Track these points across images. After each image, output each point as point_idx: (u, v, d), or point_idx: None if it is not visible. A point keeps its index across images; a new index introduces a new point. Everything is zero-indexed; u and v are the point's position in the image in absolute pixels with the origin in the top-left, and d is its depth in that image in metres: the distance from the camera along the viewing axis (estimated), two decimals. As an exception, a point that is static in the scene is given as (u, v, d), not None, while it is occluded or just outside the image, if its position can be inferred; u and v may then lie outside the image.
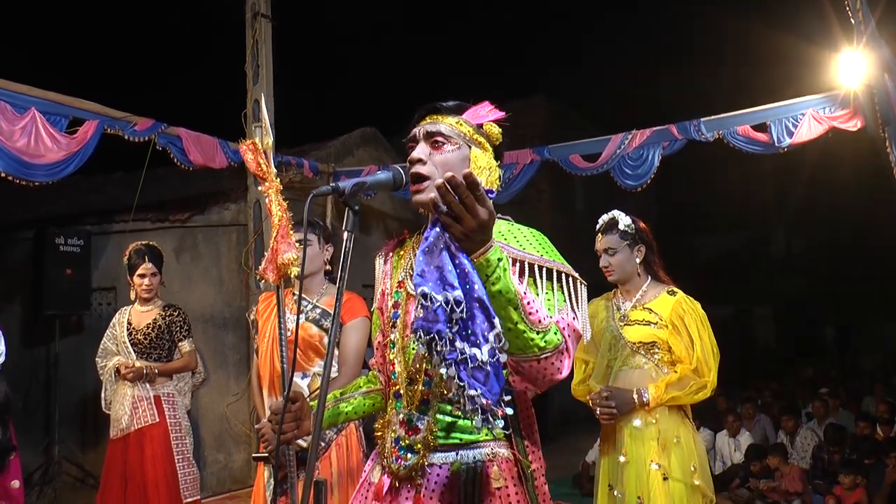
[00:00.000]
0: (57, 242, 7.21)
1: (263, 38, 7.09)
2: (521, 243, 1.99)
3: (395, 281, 2.14)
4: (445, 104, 2.08)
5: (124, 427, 4.68)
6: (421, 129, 2.05)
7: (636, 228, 3.53)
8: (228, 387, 6.88)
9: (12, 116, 4.93)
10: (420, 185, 2.00)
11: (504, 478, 1.95)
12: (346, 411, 2.30)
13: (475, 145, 2.05)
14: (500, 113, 2.08)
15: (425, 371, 1.99)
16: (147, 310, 4.83)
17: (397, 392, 2.04)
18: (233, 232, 7.53)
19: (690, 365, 3.31)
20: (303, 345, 3.52)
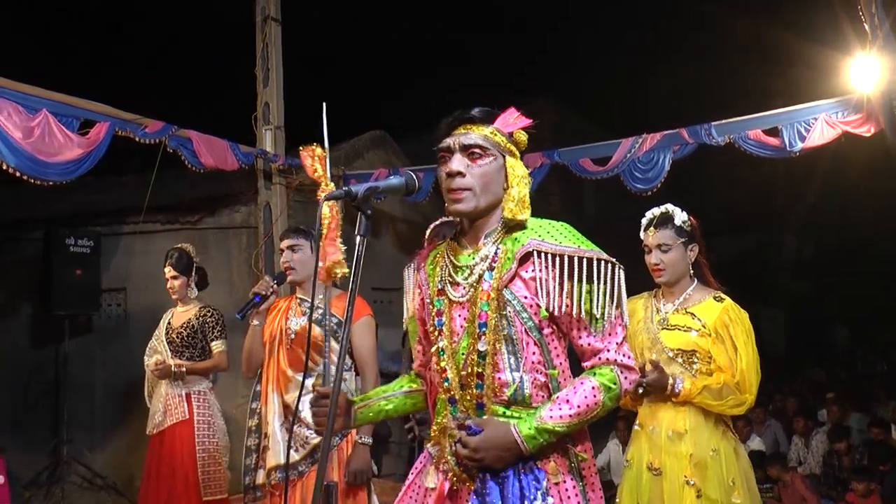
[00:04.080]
0: (67, 243, 7.24)
1: (273, 42, 7.12)
2: (555, 237, 2.05)
3: (434, 289, 2.18)
4: (477, 113, 2.11)
5: (157, 423, 4.80)
6: (456, 140, 2.09)
7: (691, 226, 3.31)
8: (237, 389, 6.90)
9: (25, 116, 4.95)
10: (460, 195, 2.06)
11: (561, 472, 2.01)
12: (386, 409, 2.38)
13: (509, 154, 2.12)
14: (528, 120, 2.13)
15: (478, 374, 2.03)
16: (185, 310, 4.96)
17: (452, 398, 2.09)
18: (243, 234, 7.55)
19: (734, 378, 3.10)
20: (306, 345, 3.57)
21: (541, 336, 2.04)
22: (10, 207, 8.91)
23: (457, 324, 2.11)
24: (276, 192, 7.20)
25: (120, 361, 7.31)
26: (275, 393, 3.67)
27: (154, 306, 6.22)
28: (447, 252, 2.21)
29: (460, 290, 2.12)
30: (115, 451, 7.60)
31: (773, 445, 7.51)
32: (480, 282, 2.07)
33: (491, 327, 2.03)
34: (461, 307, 2.11)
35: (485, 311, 2.04)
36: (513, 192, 2.09)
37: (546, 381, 2.04)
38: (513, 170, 2.10)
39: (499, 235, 2.12)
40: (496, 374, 2.03)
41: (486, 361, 2.03)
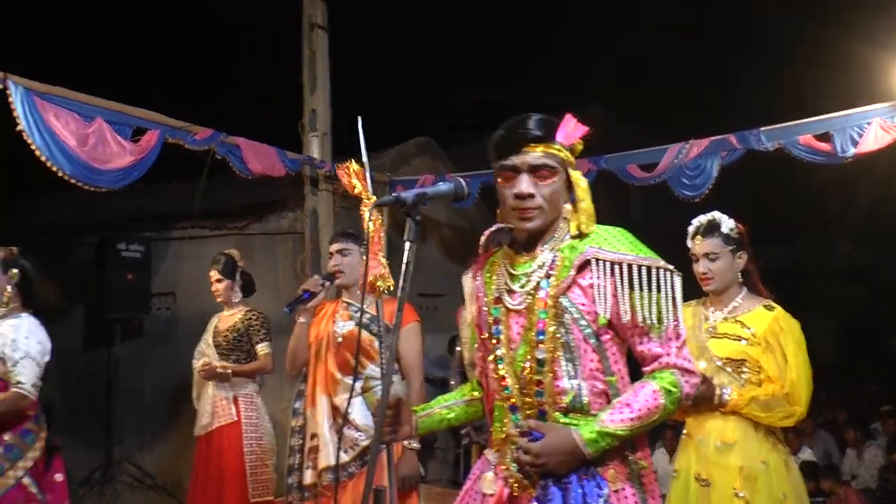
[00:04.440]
0: (118, 248, 7.44)
1: (320, 49, 7.20)
2: (613, 245, 2.07)
3: (491, 297, 2.19)
4: (541, 131, 2.08)
5: (205, 424, 4.91)
6: (523, 160, 2.07)
7: (739, 233, 3.26)
8: (282, 391, 6.98)
9: (81, 124, 5.09)
10: (530, 214, 2.08)
11: (620, 480, 2.02)
12: (448, 418, 2.41)
13: (570, 167, 2.12)
14: (585, 128, 2.12)
15: (536, 382, 2.05)
16: (231, 314, 5.08)
17: (513, 405, 2.10)
18: (289, 240, 7.64)
19: (783, 388, 3.04)
20: (354, 349, 3.64)
21: (599, 343, 2.06)
22: (65, 214, 9.16)
23: (514, 332, 2.12)
24: (322, 199, 7.27)
25: (169, 364, 7.44)
26: (323, 395, 3.73)
27: (202, 310, 6.32)
28: (503, 260, 2.23)
29: (517, 298, 2.13)
30: (164, 452, 7.75)
31: (824, 458, 7.37)
32: (537, 290, 2.08)
33: (549, 335, 2.04)
34: (518, 315, 2.12)
35: (542, 319, 2.05)
36: (583, 206, 2.11)
37: (604, 389, 2.05)
38: (578, 183, 2.13)
39: (556, 243, 2.13)
40: (555, 381, 2.04)
41: (545, 369, 2.04)
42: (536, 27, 14.14)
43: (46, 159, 4.82)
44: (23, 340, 3.76)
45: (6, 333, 3.76)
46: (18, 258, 3.99)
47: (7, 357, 3.72)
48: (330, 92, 7.29)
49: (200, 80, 11.07)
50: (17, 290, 3.93)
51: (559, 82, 13.49)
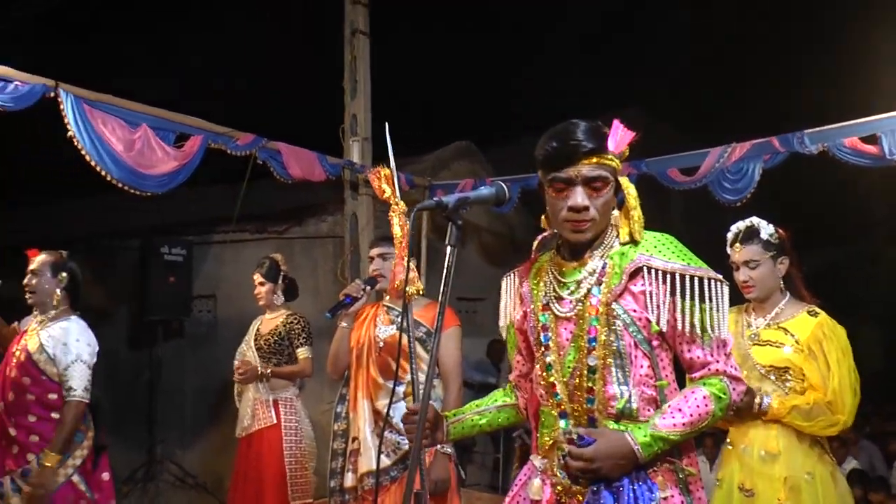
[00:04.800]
0: (161, 251, 7.58)
1: (361, 55, 7.25)
2: (664, 253, 2.08)
3: (539, 304, 2.20)
4: (593, 142, 2.06)
5: (246, 426, 4.97)
6: (577, 172, 2.06)
7: (779, 238, 3.21)
8: (322, 395, 7.04)
9: (127, 131, 5.21)
10: (584, 226, 2.09)
11: (668, 486, 2.03)
12: (480, 423, 2.42)
13: (619, 174, 2.13)
14: (632, 133, 2.12)
15: (587, 389, 2.06)
16: (272, 317, 5.13)
17: (563, 412, 2.11)
18: (329, 244, 7.72)
19: (825, 396, 2.98)
20: (396, 354, 3.67)
21: (650, 349, 2.07)
22: (110, 219, 9.34)
23: (563, 338, 2.14)
24: (362, 203, 7.31)
25: (209, 365, 7.55)
26: (365, 399, 3.76)
27: (242, 313, 6.41)
28: (550, 267, 2.23)
29: (566, 305, 2.14)
30: (205, 452, 7.87)
31: (869, 470, 7.21)
32: (588, 297, 2.09)
33: (600, 342, 2.05)
34: (567, 322, 2.13)
35: (594, 326, 2.06)
36: (634, 215, 2.13)
37: (654, 395, 2.07)
38: (628, 191, 2.14)
39: (605, 249, 2.15)
40: (605, 387, 2.06)
41: (596, 376, 2.06)
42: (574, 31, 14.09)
43: (96, 164, 4.97)
44: (73, 344, 3.86)
45: (57, 336, 3.87)
46: (67, 261, 4.10)
47: (58, 360, 3.82)
48: (371, 97, 7.34)
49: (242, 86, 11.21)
50: (65, 292, 4.03)
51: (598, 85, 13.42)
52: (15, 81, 4.62)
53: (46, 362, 3.83)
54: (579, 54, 14.07)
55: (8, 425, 3.81)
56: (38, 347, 3.85)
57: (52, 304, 3.98)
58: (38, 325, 3.96)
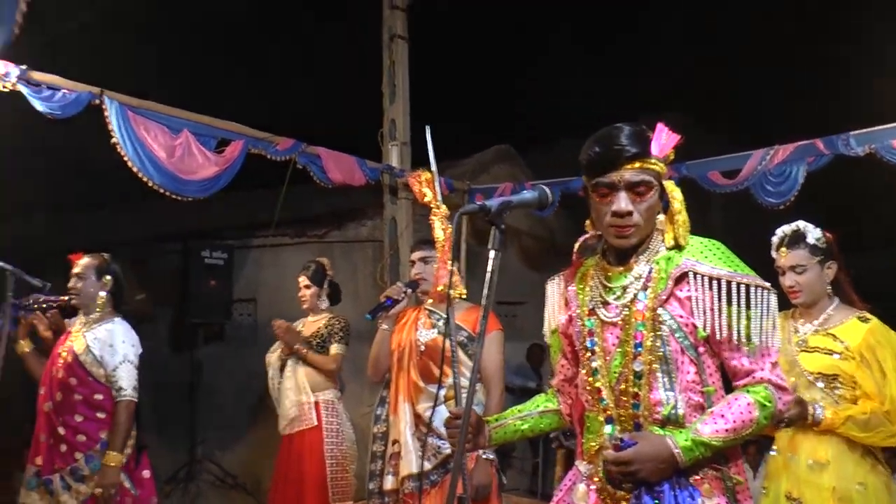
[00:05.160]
0: (202, 255, 7.68)
1: (399, 59, 7.30)
2: (710, 259, 2.07)
3: (585, 309, 2.20)
4: (637, 146, 2.07)
5: (287, 425, 4.98)
6: (620, 177, 2.06)
7: (827, 242, 3.13)
8: (362, 397, 7.08)
9: (169, 137, 5.30)
10: (628, 231, 2.08)
11: (715, 494, 2.02)
12: (522, 429, 2.41)
13: (664, 178, 2.13)
14: (677, 137, 2.11)
15: (633, 395, 2.06)
16: (315, 320, 5.17)
17: (609, 417, 2.11)
18: (368, 248, 7.77)
19: (882, 406, 2.88)
20: (437, 357, 3.70)
21: (696, 355, 2.06)
22: (152, 223, 9.48)
23: (609, 343, 2.13)
24: (401, 207, 7.35)
25: (249, 368, 7.57)
26: (406, 403, 3.77)
27: (282, 316, 6.43)
28: (596, 272, 2.23)
29: (612, 310, 2.14)
30: (244, 453, 7.97)
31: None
32: (635, 302, 2.09)
33: (647, 347, 2.05)
34: (613, 327, 2.13)
35: (640, 331, 2.06)
36: (680, 219, 2.12)
37: (700, 401, 2.06)
38: (673, 195, 2.13)
39: (651, 254, 2.14)
40: (651, 393, 2.05)
41: (642, 381, 2.05)
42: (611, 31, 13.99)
43: (138, 170, 5.06)
44: (120, 345, 3.96)
45: (103, 338, 3.95)
46: (110, 264, 4.18)
47: (106, 362, 3.91)
48: (409, 101, 7.37)
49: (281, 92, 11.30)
50: (109, 295, 4.10)
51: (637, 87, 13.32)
52: (62, 90, 4.73)
53: (93, 364, 3.92)
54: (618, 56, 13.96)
55: (56, 424, 3.91)
56: (85, 349, 3.94)
57: (96, 306, 4.06)
58: (83, 327, 4.05)
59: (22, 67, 4.55)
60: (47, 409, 3.96)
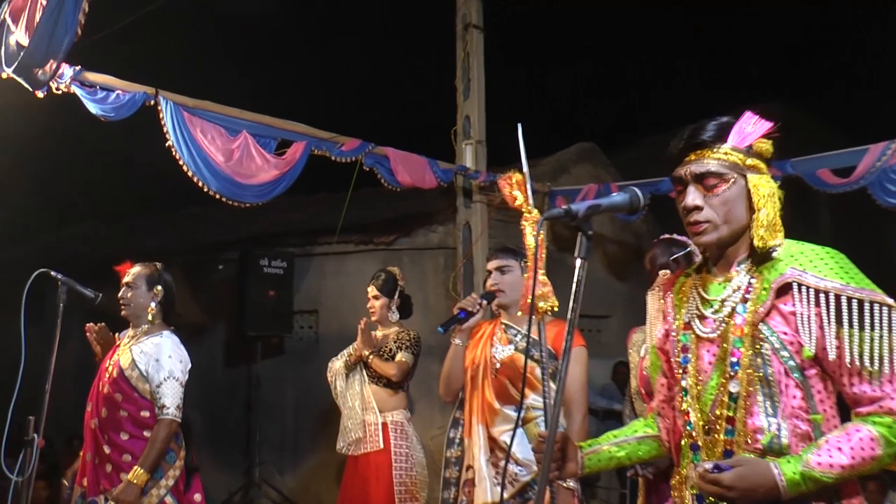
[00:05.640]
0: (261, 264, 7.77)
1: (475, 51, 7.31)
2: (819, 269, 1.98)
3: (681, 322, 2.17)
4: (706, 134, 2.06)
5: (353, 445, 5.00)
6: (687, 169, 2.06)
7: None
8: (433, 419, 7.10)
9: (226, 139, 5.41)
10: (700, 227, 2.05)
11: None
12: (618, 456, 2.36)
13: (750, 171, 2.05)
14: (767, 124, 2.05)
15: (727, 419, 2.01)
16: (384, 333, 5.17)
17: (694, 444, 2.07)
18: (440, 255, 7.80)
19: None
20: (514, 376, 3.68)
21: (803, 378, 1.98)
22: (207, 229, 9.69)
23: (704, 361, 2.08)
24: (476, 211, 7.35)
25: (311, 384, 7.66)
26: (480, 425, 3.75)
27: (346, 329, 6.50)
28: (695, 281, 2.19)
29: (709, 324, 2.09)
30: (305, 476, 8.05)
31: None
32: (733, 316, 2.04)
33: (744, 366, 1.98)
34: (710, 343, 2.08)
35: (737, 349, 2.00)
36: (760, 216, 2.02)
37: (808, 430, 1.96)
38: (756, 189, 2.04)
39: (754, 262, 2.08)
40: (749, 418, 1.98)
41: (738, 404, 1.99)
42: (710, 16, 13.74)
43: (193, 174, 5.16)
44: (166, 360, 4.02)
45: (149, 352, 4.03)
46: (162, 274, 4.25)
47: (151, 377, 3.99)
48: (485, 96, 7.38)
49: (347, 89, 11.43)
50: (159, 306, 4.19)
51: (736, 77, 13.08)
52: (117, 90, 4.87)
53: (138, 379, 4.00)
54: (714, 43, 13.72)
55: (102, 442, 3.99)
56: (131, 363, 4.02)
57: (146, 318, 4.15)
58: (131, 340, 4.14)
59: (76, 68, 4.69)
60: (93, 426, 4.05)
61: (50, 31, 4.07)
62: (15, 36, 4.17)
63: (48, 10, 4.01)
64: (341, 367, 5.16)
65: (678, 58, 13.57)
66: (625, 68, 13.35)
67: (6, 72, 4.22)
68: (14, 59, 4.17)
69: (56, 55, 4.21)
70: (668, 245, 3.75)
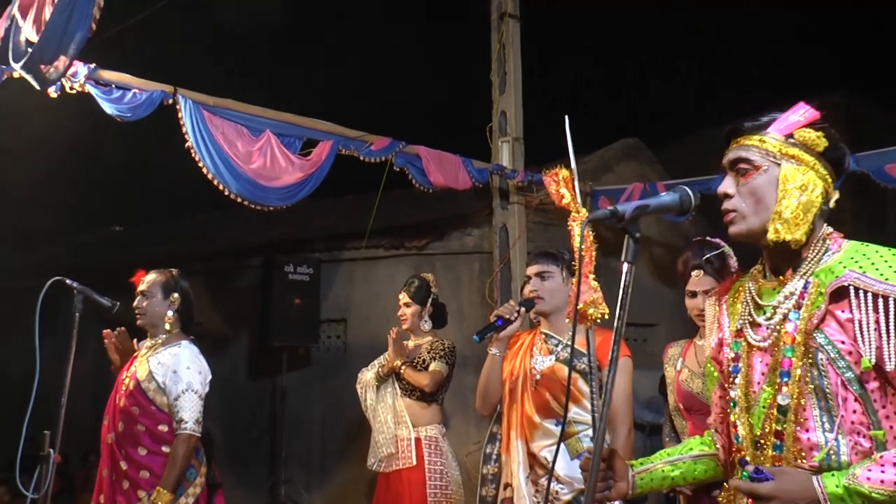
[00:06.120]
0: (286, 270, 7.79)
1: (511, 41, 7.28)
2: (882, 271, 1.93)
3: (733, 329, 2.16)
4: (748, 121, 2.07)
5: (384, 461, 5.02)
6: (725, 157, 2.09)
7: None
8: (468, 433, 7.08)
9: (248, 139, 5.43)
10: (728, 217, 2.07)
11: None
12: (672, 476, 2.34)
13: (787, 160, 2.02)
14: (815, 113, 2.03)
15: (776, 433, 1.99)
16: (416, 343, 5.19)
17: (742, 458, 2.05)
18: (475, 260, 7.78)
19: None
20: (554, 388, 3.67)
21: (863, 390, 1.93)
22: (228, 234, 9.76)
23: (756, 372, 2.06)
24: (513, 213, 7.32)
25: (340, 397, 7.68)
26: (518, 440, 3.74)
27: (376, 339, 6.51)
28: (749, 285, 2.17)
29: (761, 332, 2.07)
30: (333, 494, 8.07)
31: None
32: (784, 323, 2.01)
33: (795, 377, 1.96)
34: (762, 353, 2.06)
35: (788, 358, 1.97)
36: (781, 206, 1.99)
37: (870, 448, 1.92)
38: (784, 179, 2.00)
39: (809, 265, 2.04)
40: (803, 433, 1.96)
41: (788, 418, 1.96)
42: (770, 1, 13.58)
43: (213, 177, 5.19)
44: (184, 372, 4.05)
45: (167, 363, 4.07)
46: (178, 281, 4.29)
47: (169, 390, 4.02)
48: (522, 90, 7.36)
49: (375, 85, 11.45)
50: (176, 315, 4.22)
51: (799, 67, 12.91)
52: (133, 89, 4.90)
53: (156, 391, 4.04)
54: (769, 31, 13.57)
55: (119, 458, 4.03)
56: (148, 375, 4.06)
57: (163, 327, 4.19)
58: (148, 351, 4.18)
59: (91, 66, 4.73)
60: (110, 440, 4.09)
61: (62, 27, 4.06)
62: (23, 31, 4.20)
63: (61, 3, 4.02)
64: (372, 378, 5.17)
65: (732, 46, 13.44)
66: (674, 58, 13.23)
67: (16, 69, 4.26)
68: (22, 56, 4.19)
69: (67, 51, 4.21)
70: (702, 246, 3.74)
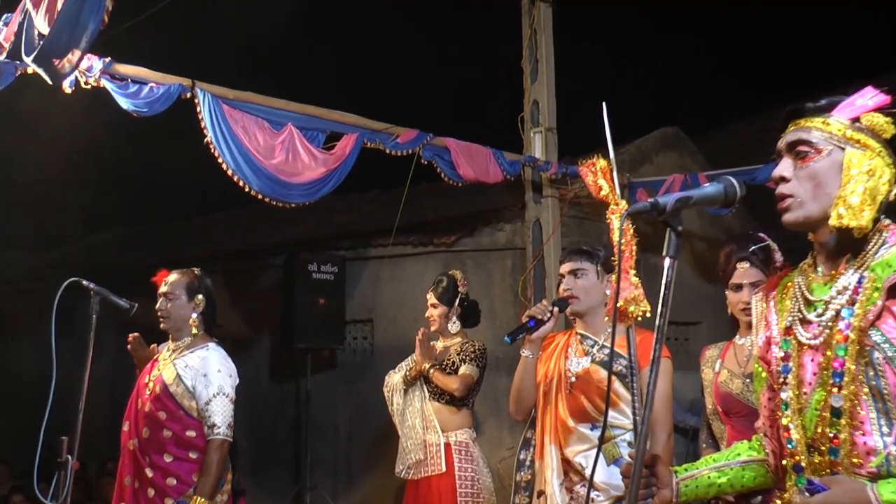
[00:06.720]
0: (309, 269, 7.81)
1: (543, 27, 7.24)
2: None
3: (782, 327, 2.14)
4: (811, 103, 2.04)
5: (413, 468, 5.03)
6: (783, 140, 2.05)
7: None
8: (501, 439, 7.06)
9: (270, 133, 5.44)
10: (784, 203, 2.02)
11: None
12: (719, 483, 2.32)
13: (851, 145, 1.99)
14: (885, 98, 2.00)
15: (831, 437, 1.96)
16: (445, 345, 5.18)
17: (797, 464, 2.04)
18: (507, 257, 7.76)
19: None
20: (590, 391, 3.66)
21: None
22: (249, 232, 9.80)
23: (807, 371, 2.04)
24: (546, 207, 7.28)
25: (366, 400, 7.69)
26: (552, 445, 3.73)
27: (403, 340, 6.51)
28: (799, 280, 2.14)
29: (812, 329, 2.04)
30: (359, 502, 8.09)
31: None
32: (837, 320, 1.99)
33: (849, 377, 1.93)
34: (814, 351, 2.03)
35: (840, 357, 1.95)
36: (845, 191, 1.96)
37: None
38: (849, 163, 1.97)
39: (864, 259, 2.01)
40: (858, 437, 1.93)
41: (842, 420, 1.94)
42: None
43: (233, 173, 5.20)
44: (214, 375, 4.08)
45: (196, 367, 4.09)
46: (202, 281, 4.31)
47: (199, 394, 4.04)
48: (555, 78, 7.31)
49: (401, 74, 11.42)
50: (201, 316, 4.24)
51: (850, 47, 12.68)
52: (150, 83, 4.92)
53: (184, 395, 4.06)
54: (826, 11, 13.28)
55: (144, 465, 4.05)
56: (175, 379, 4.08)
57: (188, 330, 4.21)
58: (173, 354, 4.19)
59: (106, 60, 4.74)
60: (132, 447, 4.11)
61: (73, 19, 4.04)
62: (36, 24, 4.21)
63: (73, -6, 4.02)
64: (399, 381, 5.16)
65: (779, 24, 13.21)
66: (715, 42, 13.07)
67: (28, 63, 4.27)
68: (34, 50, 4.18)
69: (79, 44, 4.20)
70: (746, 240, 3.70)
